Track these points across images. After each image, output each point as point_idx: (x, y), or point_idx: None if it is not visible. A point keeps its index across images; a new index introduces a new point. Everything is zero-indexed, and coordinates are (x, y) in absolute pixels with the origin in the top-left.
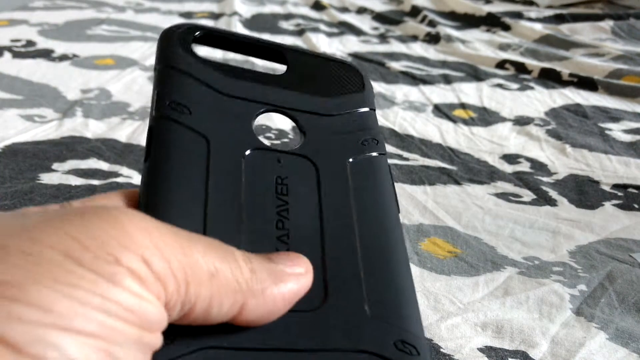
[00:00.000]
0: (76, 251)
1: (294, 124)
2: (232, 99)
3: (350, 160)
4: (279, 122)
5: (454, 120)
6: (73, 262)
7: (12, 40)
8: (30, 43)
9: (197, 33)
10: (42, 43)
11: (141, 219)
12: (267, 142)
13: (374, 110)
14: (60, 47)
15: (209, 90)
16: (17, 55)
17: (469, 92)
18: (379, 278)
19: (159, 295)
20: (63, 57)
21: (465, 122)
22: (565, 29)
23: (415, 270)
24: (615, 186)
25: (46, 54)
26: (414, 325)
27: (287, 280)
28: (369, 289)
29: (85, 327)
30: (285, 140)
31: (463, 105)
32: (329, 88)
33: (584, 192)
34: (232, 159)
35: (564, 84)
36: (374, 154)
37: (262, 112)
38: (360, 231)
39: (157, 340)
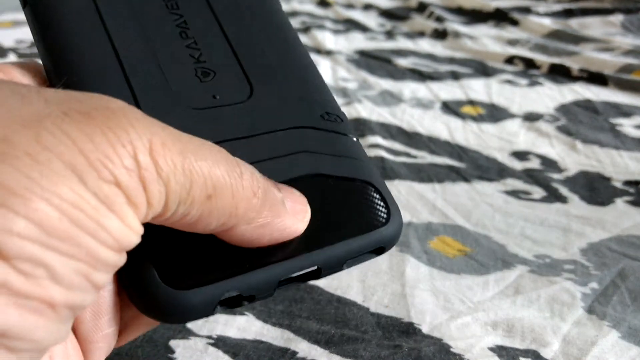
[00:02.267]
0: (82, 167)
1: None
2: None
3: None
4: None
5: (462, 117)
6: (79, 180)
7: (17, 42)
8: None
9: None
10: None
11: (147, 122)
12: None
13: None
14: None
15: None
16: (22, 56)
17: (477, 89)
18: (290, 66)
19: (147, 217)
20: None
21: (474, 118)
22: (574, 23)
23: (424, 269)
24: (627, 182)
25: None
26: (331, 100)
27: (284, 218)
28: (285, 76)
29: (75, 252)
30: None
31: (471, 102)
32: None
33: (594, 188)
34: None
35: (574, 79)
36: None
37: None
38: (259, 30)
39: (124, 259)
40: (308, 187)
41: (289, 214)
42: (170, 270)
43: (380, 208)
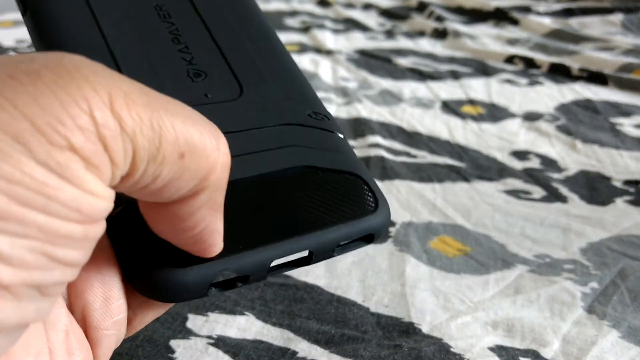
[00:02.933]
0: (27, 135)
1: None
2: None
3: None
4: None
5: (462, 116)
6: (24, 151)
7: (17, 41)
8: None
9: None
10: None
11: (106, 75)
12: None
13: None
14: None
15: None
16: None
17: (477, 88)
18: (277, 69)
19: (115, 179)
20: None
21: (474, 118)
22: (574, 22)
23: (424, 268)
24: (627, 182)
25: None
26: (317, 101)
27: None
28: (273, 78)
29: (23, 230)
30: None
31: (471, 101)
32: None
33: (594, 188)
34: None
35: (574, 78)
36: None
37: None
38: (245, 35)
39: (101, 229)
40: (298, 177)
41: None
42: (165, 249)
43: (369, 198)
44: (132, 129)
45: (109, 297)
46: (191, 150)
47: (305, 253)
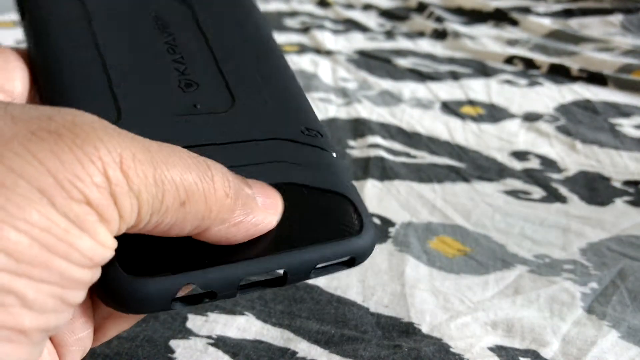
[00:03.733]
0: (51, 188)
1: None
2: None
3: None
4: None
5: (462, 117)
6: (48, 202)
7: (17, 42)
8: None
9: None
10: None
11: (116, 136)
12: None
13: None
14: None
15: None
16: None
17: (477, 89)
18: (273, 81)
19: (120, 230)
20: None
21: (474, 118)
22: (574, 23)
23: (424, 269)
24: (626, 182)
25: None
26: (312, 116)
27: (257, 214)
28: (268, 90)
29: (47, 276)
30: None
31: (471, 102)
32: None
33: (594, 188)
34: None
35: (573, 79)
36: None
37: None
38: (243, 45)
39: (98, 274)
40: (282, 195)
41: (261, 209)
42: (130, 257)
43: (353, 220)
44: (138, 187)
45: (72, 316)
46: (190, 197)
47: (279, 272)
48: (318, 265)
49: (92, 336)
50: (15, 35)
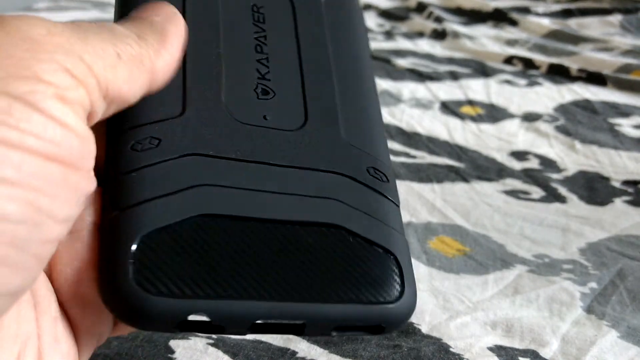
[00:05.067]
0: None
1: None
2: None
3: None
4: None
5: (461, 117)
6: None
7: None
8: None
9: None
10: None
11: (40, 21)
12: None
13: None
14: None
15: None
16: None
17: (477, 89)
18: (354, 109)
19: (84, 104)
20: None
21: (473, 119)
22: (573, 23)
23: (423, 269)
24: (626, 182)
25: None
26: (384, 155)
27: (169, 31)
28: (345, 118)
29: (1, 173)
30: None
31: (470, 102)
32: None
33: (593, 188)
34: None
35: (573, 79)
36: None
37: None
38: (335, 63)
39: (87, 183)
40: (322, 236)
41: (169, 23)
42: (146, 270)
43: (394, 284)
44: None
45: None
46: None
47: (297, 322)
48: (341, 325)
49: (111, 325)
50: None
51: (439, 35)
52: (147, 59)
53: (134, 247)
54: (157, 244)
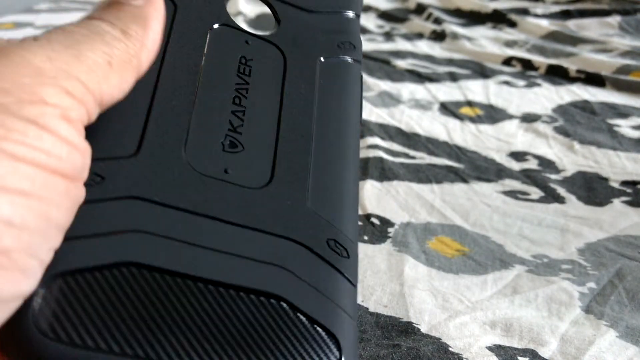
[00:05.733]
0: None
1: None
2: None
3: (322, 59)
4: None
5: (460, 118)
6: (4, 110)
7: None
8: None
9: None
10: None
11: (40, 48)
12: None
13: (359, 16)
14: None
15: None
16: None
17: (476, 90)
18: (326, 176)
19: (84, 120)
20: None
21: (472, 119)
22: (572, 24)
23: (422, 269)
24: (624, 183)
25: None
26: (350, 229)
27: (150, 16)
28: (315, 183)
29: (17, 184)
30: None
31: (469, 103)
32: None
33: (592, 189)
34: (197, 29)
35: (571, 80)
36: (348, 58)
37: None
38: (317, 128)
39: (81, 192)
40: (261, 307)
41: (149, 7)
42: (49, 313)
43: None
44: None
45: None
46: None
47: None
48: None
49: None
50: (16, 37)
51: (438, 36)
52: (134, 57)
53: (41, 286)
54: (70, 286)
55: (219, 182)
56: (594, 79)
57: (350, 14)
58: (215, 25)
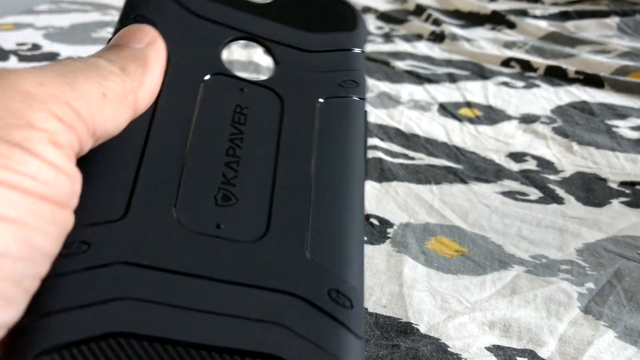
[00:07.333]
0: None
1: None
2: (203, 20)
3: (322, 100)
4: None
5: (459, 119)
6: None
7: (18, 44)
8: (35, 47)
9: None
10: (48, 46)
11: (31, 74)
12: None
13: (363, 52)
14: (65, 50)
15: (180, 8)
16: (23, 58)
17: (475, 91)
18: (326, 223)
19: (74, 146)
20: None
21: (471, 120)
22: (570, 26)
23: (422, 269)
24: (623, 183)
25: (52, 57)
26: (353, 277)
27: (150, 58)
28: (314, 232)
29: (1, 211)
30: None
31: (468, 104)
32: (315, 23)
33: (591, 189)
34: (190, 80)
35: (570, 81)
36: (351, 97)
37: (234, 40)
38: (317, 174)
39: (69, 219)
40: None
41: (150, 50)
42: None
43: None
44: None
45: None
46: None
47: None
48: None
49: None
50: (16, 38)
51: (438, 37)
52: (131, 93)
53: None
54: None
55: (211, 238)
56: (592, 80)
57: (355, 50)
58: (209, 76)
